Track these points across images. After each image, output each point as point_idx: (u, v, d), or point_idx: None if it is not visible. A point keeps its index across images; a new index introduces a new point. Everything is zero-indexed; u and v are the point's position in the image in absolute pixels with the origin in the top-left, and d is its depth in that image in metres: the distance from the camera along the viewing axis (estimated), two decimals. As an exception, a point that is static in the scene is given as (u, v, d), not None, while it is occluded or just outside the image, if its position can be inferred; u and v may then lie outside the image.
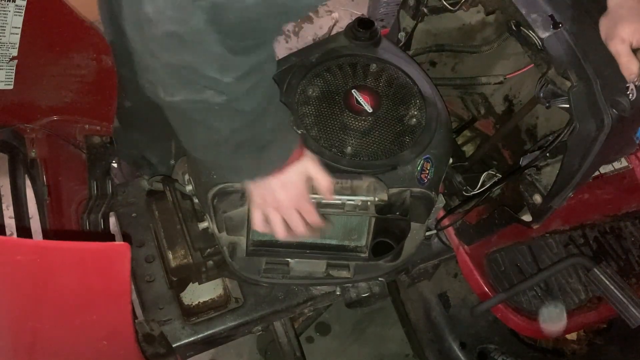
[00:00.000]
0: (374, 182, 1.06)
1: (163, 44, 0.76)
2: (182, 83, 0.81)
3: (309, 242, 1.18)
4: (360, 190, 1.05)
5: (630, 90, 0.94)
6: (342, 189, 1.05)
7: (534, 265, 1.45)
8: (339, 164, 1.07)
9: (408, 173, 1.10)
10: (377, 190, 1.05)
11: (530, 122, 1.48)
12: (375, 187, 1.06)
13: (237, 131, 0.90)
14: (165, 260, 1.31)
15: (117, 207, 1.54)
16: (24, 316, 0.95)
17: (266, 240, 1.18)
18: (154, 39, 0.76)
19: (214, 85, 0.80)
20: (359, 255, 1.19)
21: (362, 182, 1.05)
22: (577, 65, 0.96)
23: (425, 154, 1.12)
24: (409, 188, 1.09)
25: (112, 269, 0.87)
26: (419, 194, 1.11)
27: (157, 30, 0.74)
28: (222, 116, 0.87)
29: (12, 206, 1.38)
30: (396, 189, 1.08)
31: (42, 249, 0.82)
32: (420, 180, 1.10)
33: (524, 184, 1.19)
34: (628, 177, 1.34)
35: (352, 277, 1.23)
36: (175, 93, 0.82)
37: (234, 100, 0.84)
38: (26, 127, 1.41)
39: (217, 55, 0.77)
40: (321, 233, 1.16)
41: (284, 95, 1.13)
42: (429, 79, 1.24)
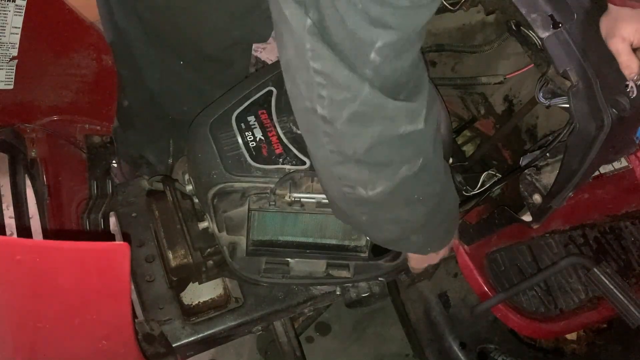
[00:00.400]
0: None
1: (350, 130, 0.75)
2: (378, 168, 0.80)
3: (309, 242, 1.18)
4: None
5: (630, 88, 0.93)
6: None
7: (534, 265, 1.45)
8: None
9: None
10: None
11: (530, 122, 1.48)
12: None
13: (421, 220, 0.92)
14: (165, 260, 1.31)
15: (117, 207, 1.54)
16: (24, 316, 0.95)
17: (266, 240, 1.18)
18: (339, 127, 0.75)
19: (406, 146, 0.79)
20: (359, 255, 1.19)
21: None
22: (577, 65, 0.96)
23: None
24: None
25: (111, 269, 0.87)
26: None
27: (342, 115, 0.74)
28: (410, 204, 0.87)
29: (12, 206, 1.38)
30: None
31: (42, 248, 0.82)
32: None
33: (524, 184, 1.19)
34: (628, 177, 1.33)
35: (352, 277, 1.23)
36: (376, 183, 0.82)
37: (427, 163, 0.83)
38: (26, 127, 1.41)
39: (398, 108, 0.75)
40: (321, 233, 1.16)
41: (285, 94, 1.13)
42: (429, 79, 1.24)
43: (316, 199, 1.04)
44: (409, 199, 0.86)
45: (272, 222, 1.15)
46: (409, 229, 0.93)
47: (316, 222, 1.14)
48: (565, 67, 0.96)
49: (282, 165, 1.07)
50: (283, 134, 1.09)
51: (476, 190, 1.32)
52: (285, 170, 1.06)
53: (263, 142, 1.09)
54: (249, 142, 1.09)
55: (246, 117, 1.12)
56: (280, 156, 1.08)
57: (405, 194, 0.85)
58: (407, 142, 0.78)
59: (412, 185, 0.84)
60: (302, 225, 1.15)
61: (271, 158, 1.07)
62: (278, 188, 1.04)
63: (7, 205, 1.42)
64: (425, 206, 0.88)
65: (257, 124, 1.11)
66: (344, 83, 0.70)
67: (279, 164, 1.07)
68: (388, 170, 0.80)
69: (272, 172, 1.06)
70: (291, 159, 1.07)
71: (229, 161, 1.07)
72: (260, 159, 1.07)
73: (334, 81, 0.70)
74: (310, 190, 1.04)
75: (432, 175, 0.86)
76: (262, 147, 1.08)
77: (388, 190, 0.82)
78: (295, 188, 1.04)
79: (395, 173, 0.81)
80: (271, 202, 1.06)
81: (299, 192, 1.04)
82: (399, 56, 0.70)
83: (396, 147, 0.78)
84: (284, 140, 1.09)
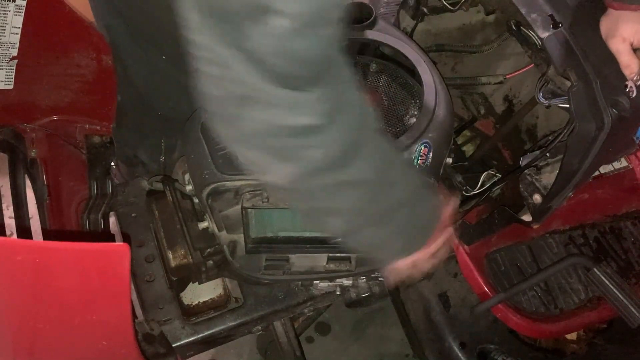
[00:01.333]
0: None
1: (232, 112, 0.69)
2: (273, 156, 0.73)
3: (308, 237, 1.17)
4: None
5: (630, 88, 0.94)
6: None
7: (534, 265, 1.45)
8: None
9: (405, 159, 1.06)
10: None
11: (530, 122, 1.48)
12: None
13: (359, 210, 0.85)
14: (165, 260, 1.31)
15: (117, 207, 1.54)
16: (24, 316, 0.95)
17: (265, 237, 1.17)
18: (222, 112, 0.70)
19: (303, 139, 0.71)
20: None
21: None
22: (577, 64, 0.96)
23: (423, 138, 1.08)
24: None
25: (111, 270, 0.87)
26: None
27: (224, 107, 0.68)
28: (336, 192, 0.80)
29: (12, 206, 1.38)
30: None
31: (42, 249, 0.82)
32: (417, 166, 1.07)
33: (524, 184, 1.18)
34: (628, 177, 1.33)
35: (354, 270, 1.21)
36: (277, 172, 0.75)
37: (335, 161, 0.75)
38: (26, 127, 1.41)
39: (278, 96, 0.67)
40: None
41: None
42: (428, 59, 1.22)
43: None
44: (327, 188, 0.80)
45: (270, 218, 1.14)
46: (354, 221, 0.87)
47: None
48: (565, 67, 0.96)
49: None
50: None
51: (476, 190, 1.32)
52: None
53: None
54: None
55: None
56: None
57: (319, 183, 0.78)
58: (305, 134, 0.71)
59: (324, 176, 0.77)
60: (300, 220, 1.14)
61: None
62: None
63: (7, 205, 1.42)
64: (360, 193, 0.82)
65: None
66: (221, 60, 0.64)
67: None
68: (287, 160, 0.74)
69: None
70: None
71: (219, 160, 1.06)
72: None
73: (211, 56, 0.65)
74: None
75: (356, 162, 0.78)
76: None
77: (295, 179, 0.76)
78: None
79: (296, 164, 0.74)
80: (264, 199, 1.05)
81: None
82: (293, 36, 0.62)
83: (291, 138, 0.71)
84: None
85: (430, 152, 1.09)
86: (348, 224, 0.88)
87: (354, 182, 0.80)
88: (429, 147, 1.09)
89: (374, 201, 0.85)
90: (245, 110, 0.68)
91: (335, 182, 0.79)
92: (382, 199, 0.86)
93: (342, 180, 0.79)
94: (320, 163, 0.75)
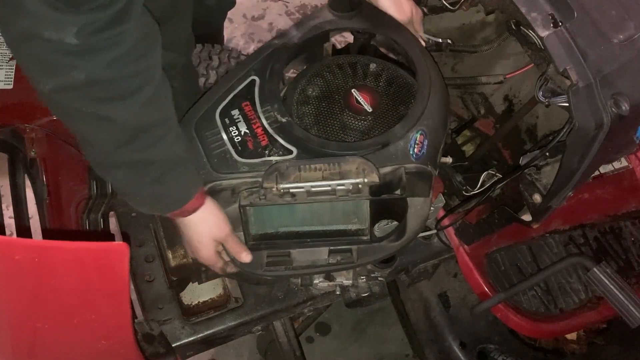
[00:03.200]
0: (362, 163, 1.03)
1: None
2: (40, 64, 0.77)
3: (308, 231, 1.16)
4: (349, 174, 1.02)
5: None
6: (331, 174, 1.03)
7: (534, 265, 1.45)
8: (326, 148, 1.05)
9: (400, 149, 1.06)
10: (366, 171, 1.02)
11: (530, 122, 1.48)
12: (364, 169, 1.02)
13: (120, 146, 0.86)
14: (165, 260, 1.32)
15: (117, 207, 1.54)
16: (23, 316, 0.95)
17: (266, 234, 1.17)
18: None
19: (66, 55, 0.75)
20: (361, 239, 1.17)
21: (349, 164, 1.03)
22: (577, 63, 0.96)
23: (418, 126, 1.08)
24: (402, 165, 1.05)
25: (111, 269, 0.87)
26: (414, 169, 1.07)
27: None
28: (91, 121, 0.82)
29: (12, 206, 1.38)
30: (388, 167, 1.05)
31: (41, 248, 0.82)
32: (414, 155, 1.07)
33: (524, 184, 1.19)
34: (628, 177, 1.34)
35: (355, 262, 1.19)
36: (46, 80, 0.78)
37: (99, 82, 0.78)
38: (26, 126, 1.40)
39: (40, 8, 0.71)
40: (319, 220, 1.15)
41: (268, 81, 1.11)
42: (421, 45, 1.22)
43: (305, 187, 1.02)
44: (85, 115, 0.82)
45: (269, 215, 1.13)
46: (103, 157, 0.89)
47: (312, 210, 1.12)
48: (565, 66, 0.96)
49: (268, 157, 1.06)
50: (268, 124, 1.08)
51: (476, 190, 1.32)
52: (272, 162, 1.05)
53: (248, 136, 1.07)
54: (233, 137, 1.08)
55: (230, 111, 1.10)
56: (266, 148, 1.06)
57: (77, 106, 0.81)
58: (53, 50, 0.75)
59: (84, 101, 0.81)
60: (299, 214, 1.13)
61: (257, 151, 1.06)
62: (265, 181, 1.02)
63: (6, 205, 1.42)
64: (114, 133, 0.85)
65: (241, 117, 1.09)
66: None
67: (265, 156, 1.06)
68: (50, 73, 0.77)
69: (259, 166, 1.05)
70: (277, 149, 1.06)
71: (214, 160, 1.06)
72: (246, 154, 1.06)
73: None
74: (298, 180, 1.02)
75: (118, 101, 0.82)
76: (248, 140, 1.07)
77: (55, 94, 0.80)
78: (283, 179, 1.02)
79: (57, 80, 0.78)
80: (261, 196, 1.04)
81: (287, 182, 1.02)
82: None
83: (43, 51, 0.75)
84: (269, 130, 1.07)
85: (426, 139, 1.08)
86: (97, 156, 0.90)
87: (110, 119, 0.82)
88: (425, 135, 1.08)
89: (126, 147, 0.86)
90: (16, 18, 0.73)
91: (92, 110, 0.81)
92: (135, 148, 0.87)
93: (98, 111, 0.82)
94: (80, 85, 0.78)
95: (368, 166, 1.03)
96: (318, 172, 1.02)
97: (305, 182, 1.02)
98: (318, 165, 1.03)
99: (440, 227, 1.40)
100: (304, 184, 1.02)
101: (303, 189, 1.02)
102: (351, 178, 1.02)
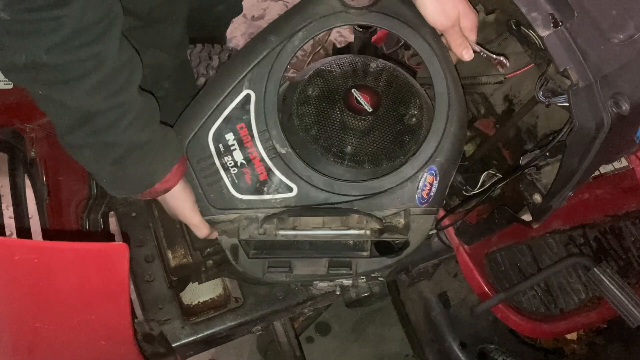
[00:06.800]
0: (364, 217, 0.99)
1: None
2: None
3: (309, 242, 1.17)
4: (352, 223, 0.99)
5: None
6: (332, 221, 0.99)
7: (534, 265, 1.45)
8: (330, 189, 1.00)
9: (407, 191, 1.00)
10: (369, 222, 0.98)
11: (530, 122, 1.47)
12: (367, 220, 0.98)
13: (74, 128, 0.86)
14: (165, 260, 1.31)
15: (116, 207, 1.54)
16: (23, 316, 0.95)
17: (264, 242, 1.16)
18: None
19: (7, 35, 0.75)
20: (361, 254, 1.15)
21: (350, 217, 0.99)
22: (577, 63, 0.96)
23: (430, 164, 1.01)
24: (408, 207, 1.01)
25: (110, 269, 0.87)
26: (420, 212, 1.02)
27: None
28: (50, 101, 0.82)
29: (11, 206, 1.38)
30: (393, 210, 1.00)
31: (41, 248, 0.82)
32: (421, 199, 1.01)
33: (524, 184, 1.18)
34: (628, 177, 1.34)
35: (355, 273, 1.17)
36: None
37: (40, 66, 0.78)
38: (26, 126, 1.41)
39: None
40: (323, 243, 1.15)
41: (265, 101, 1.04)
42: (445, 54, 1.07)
43: (302, 235, 1.00)
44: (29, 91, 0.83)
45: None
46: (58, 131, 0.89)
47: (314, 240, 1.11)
48: (565, 65, 0.96)
49: (267, 195, 1.01)
50: (265, 154, 1.01)
51: (476, 190, 1.32)
52: (271, 202, 1.00)
53: (245, 167, 1.01)
54: (229, 169, 1.01)
55: (224, 134, 1.02)
56: (264, 184, 1.01)
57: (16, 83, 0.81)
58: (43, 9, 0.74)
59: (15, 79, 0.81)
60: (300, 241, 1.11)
61: (255, 187, 1.01)
62: (265, 223, 0.99)
63: (6, 205, 1.42)
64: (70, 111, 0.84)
65: (236, 144, 1.01)
66: None
67: (264, 194, 1.01)
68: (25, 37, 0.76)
69: (258, 203, 1.00)
70: (277, 186, 1.01)
71: (210, 194, 1.02)
72: (243, 189, 1.01)
73: None
74: (298, 226, 0.99)
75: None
76: (245, 173, 1.01)
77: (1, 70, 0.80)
78: (283, 224, 0.99)
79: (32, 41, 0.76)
80: (260, 229, 1.01)
81: (287, 229, 0.99)
82: None
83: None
84: (267, 162, 1.01)
85: (436, 180, 1.01)
86: (59, 136, 0.89)
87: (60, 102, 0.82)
88: (435, 175, 1.01)
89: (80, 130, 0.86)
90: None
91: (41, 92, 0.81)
92: (88, 132, 0.87)
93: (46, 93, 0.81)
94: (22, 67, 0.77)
95: (369, 217, 0.99)
96: (318, 219, 0.99)
97: (306, 230, 0.99)
98: (319, 218, 0.99)
99: (440, 227, 1.40)
100: (302, 232, 0.99)
101: (302, 236, 1.00)
102: (353, 227, 0.99)
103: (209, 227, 1.07)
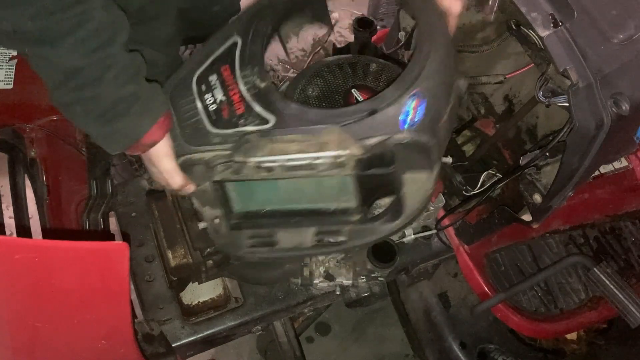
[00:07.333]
0: (342, 133, 0.91)
1: None
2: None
3: (294, 209, 1.09)
4: (328, 146, 0.92)
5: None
6: (307, 146, 0.92)
7: (534, 265, 1.45)
8: (306, 116, 0.94)
9: (391, 117, 0.91)
10: (347, 142, 0.90)
11: (530, 122, 1.48)
12: (344, 139, 0.90)
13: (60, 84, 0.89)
14: (165, 260, 1.31)
15: (117, 207, 1.54)
16: (23, 315, 0.95)
17: (249, 212, 1.10)
18: None
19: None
20: (351, 219, 1.08)
21: (328, 135, 0.91)
22: (577, 63, 0.96)
23: (414, 88, 0.91)
24: (392, 135, 0.91)
25: (110, 269, 0.87)
26: (407, 140, 0.92)
27: None
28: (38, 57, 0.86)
29: (12, 206, 1.38)
30: (376, 138, 0.91)
31: (41, 248, 0.82)
32: (406, 123, 0.92)
33: (524, 184, 1.19)
34: (628, 177, 1.34)
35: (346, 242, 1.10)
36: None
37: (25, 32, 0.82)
38: (26, 126, 1.41)
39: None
40: (303, 198, 1.08)
41: (251, 42, 1.00)
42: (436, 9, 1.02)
43: (279, 161, 0.93)
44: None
45: (252, 192, 1.07)
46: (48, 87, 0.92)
47: (297, 188, 1.04)
48: (565, 65, 0.96)
49: (242, 127, 0.96)
50: (246, 90, 0.97)
51: (476, 190, 1.32)
52: (246, 132, 0.95)
53: (224, 104, 0.97)
54: (208, 106, 0.98)
55: (208, 76, 1.01)
56: (241, 117, 0.96)
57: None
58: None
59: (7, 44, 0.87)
60: (283, 192, 1.05)
61: (231, 120, 0.96)
62: (236, 154, 0.94)
63: (7, 205, 1.42)
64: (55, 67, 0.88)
65: (218, 83, 0.99)
66: None
67: (239, 126, 0.96)
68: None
69: (232, 137, 0.96)
70: (253, 118, 0.95)
71: (187, 130, 0.99)
72: (220, 124, 0.97)
73: None
74: (272, 152, 0.93)
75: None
76: (223, 109, 0.97)
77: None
78: (255, 152, 0.93)
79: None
80: (235, 171, 0.97)
81: (260, 155, 0.93)
82: None
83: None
84: (247, 97, 0.97)
85: (422, 104, 0.93)
86: (49, 92, 0.92)
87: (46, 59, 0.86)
88: (421, 99, 0.93)
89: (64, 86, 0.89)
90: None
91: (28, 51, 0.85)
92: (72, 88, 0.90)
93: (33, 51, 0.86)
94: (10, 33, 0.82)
95: (348, 137, 0.91)
96: (293, 144, 0.92)
97: (279, 155, 0.93)
98: (292, 136, 0.92)
99: (440, 227, 1.40)
100: (277, 157, 0.93)
101: (277, 163, 0.94)
102: (331, 150, 0.92)
103: (183, 177, 1.03)
